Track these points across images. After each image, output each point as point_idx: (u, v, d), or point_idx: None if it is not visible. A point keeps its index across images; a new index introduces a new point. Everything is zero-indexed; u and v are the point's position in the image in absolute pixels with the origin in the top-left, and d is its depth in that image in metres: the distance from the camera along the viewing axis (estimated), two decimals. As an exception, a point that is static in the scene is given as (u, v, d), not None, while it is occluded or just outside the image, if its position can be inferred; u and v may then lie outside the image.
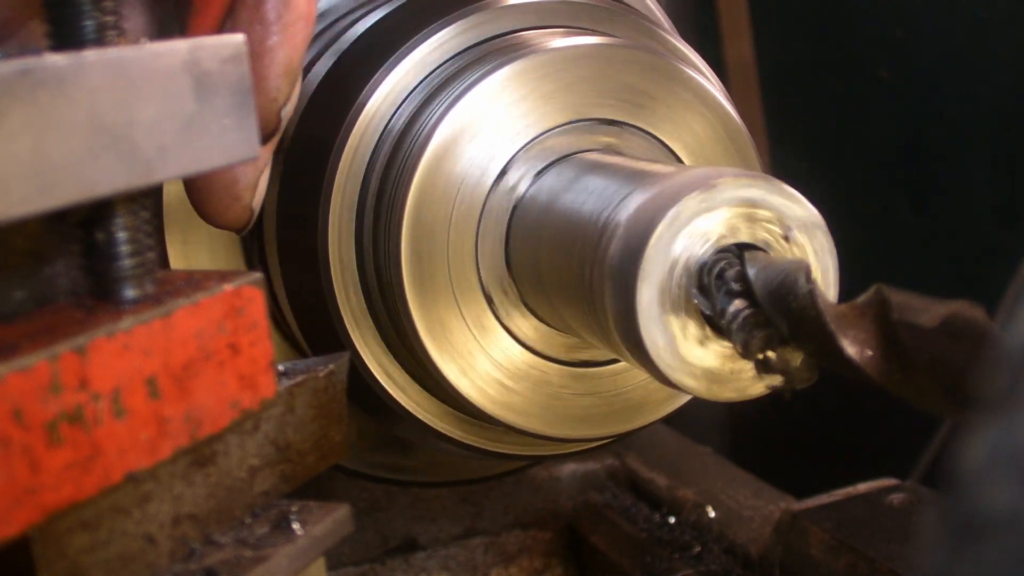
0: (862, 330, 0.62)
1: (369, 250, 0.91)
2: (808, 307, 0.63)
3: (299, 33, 0.76)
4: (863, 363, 0.62)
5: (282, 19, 0.74)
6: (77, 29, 0.57)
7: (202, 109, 0.59)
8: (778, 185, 0.70)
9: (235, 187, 0.77)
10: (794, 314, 0.64)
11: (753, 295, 0.67)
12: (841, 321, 0.63)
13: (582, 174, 0.83)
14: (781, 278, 0.65)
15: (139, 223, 0.59)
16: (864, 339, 0.62)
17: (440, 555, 1.23)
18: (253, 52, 0.73)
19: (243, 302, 0.61)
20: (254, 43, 0.74)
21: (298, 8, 0.75)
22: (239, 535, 0.64)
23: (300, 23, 0.75)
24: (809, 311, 0.63)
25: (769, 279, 0.66)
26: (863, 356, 0.62)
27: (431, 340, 0.87)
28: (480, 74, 0.86)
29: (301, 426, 0.70)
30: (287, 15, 0.74)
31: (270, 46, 0.75)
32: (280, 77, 0.76)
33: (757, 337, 0.67)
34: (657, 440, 1.34)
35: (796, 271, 0.65)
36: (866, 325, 0.63)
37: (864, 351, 0.62)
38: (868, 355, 0.62)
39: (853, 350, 0.62)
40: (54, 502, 0.51)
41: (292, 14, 0.75)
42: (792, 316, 0.64)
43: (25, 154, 0.50)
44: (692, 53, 0.98)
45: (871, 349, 0.62)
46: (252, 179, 0.78)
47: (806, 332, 0.64)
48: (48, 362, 0.51)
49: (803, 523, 1.04)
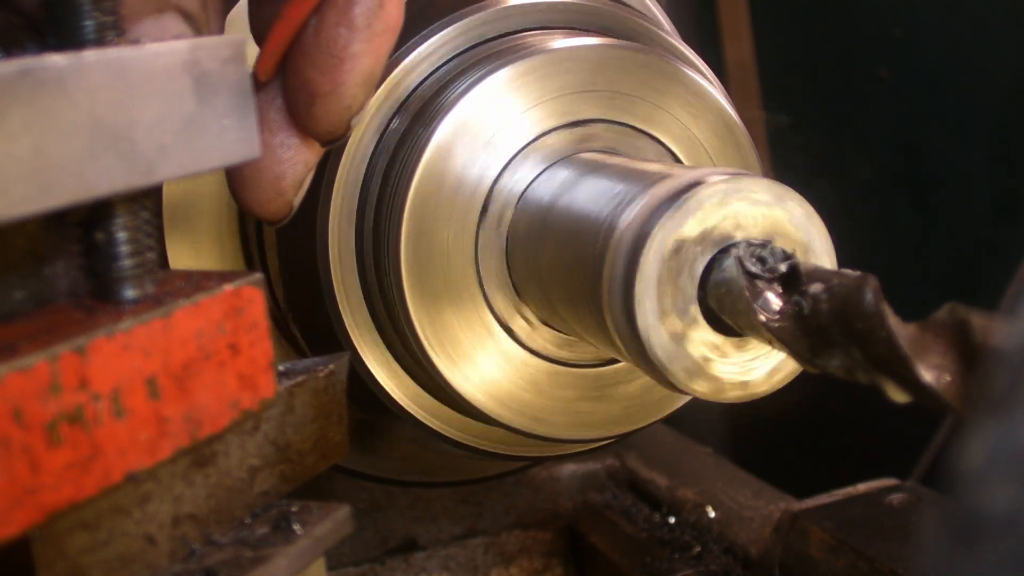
0: (938, 354, 0.57)
1: (369, 251, 0.91)
2: (877, 328, 0.58)
3: (385, 44, 0.72)
4: (941, 390, 0.57)
5: (371, 27, 0.71)
6: (77, 29, 0.57)
7: (202, 109, 0.59)
8: (778, 186, 0.70)
9: (281, 183, 0.75)
10: (860, 335, 0.59)
11: (816, 314, 0.62)
12: (914, 344, 0.57)
13: (582, 175, 0.83)
14: (844, 293, 0.60)
15: (139, 223, 0.59)
16: (941, 363, 0.57)
17: (440, 555, 1.23)
18: (335, 56, 0.70)
19: (243, 302, 0.61)
20: (337, 47, 0.70)
21: (389, 18, 0.71)
22: (239, 535, 0.64)
23: (388, 33, 0.72)
24: (878, 332, 0.58)
25: (831, 295, 0.61)
26: (941, 382, 0.57)
27: (431, 341, 0.87)
28: (480, 75, 0.87)
29: (301, 426, 0.70)
30: (377, 23, 0.71)
31: (354, 52, 0.71)
32: (358, 86, 0.72)
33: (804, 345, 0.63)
34: (657, 440, 1.34)
35: (861, 286, 0.60)
36: (942, 348, 0.57)
37: (942, 377, 0.57)
38: (946, 381, 0.57)
39: (930, 376, 0.57)
40: (54, 502, 0.51)
41: (381, 23, 0.71)
42: (857, 336, 0.59)
43: (25, 154, 0.50)
44: (692, 53, 0.98)
45: (949, 374, 0.57)
46: (299, 176, 0.76)
47: (874, 353, 0.59)
48: (48, 362, 0.51)
49: (803, 523, 1.04)
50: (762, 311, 0.65)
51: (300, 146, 0.75)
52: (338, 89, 0.72)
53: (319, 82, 0.71)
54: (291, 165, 0.75)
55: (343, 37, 0.70)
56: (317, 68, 0.71)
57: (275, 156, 0.74)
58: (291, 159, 0.75)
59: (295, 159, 0.75)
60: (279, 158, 0.75)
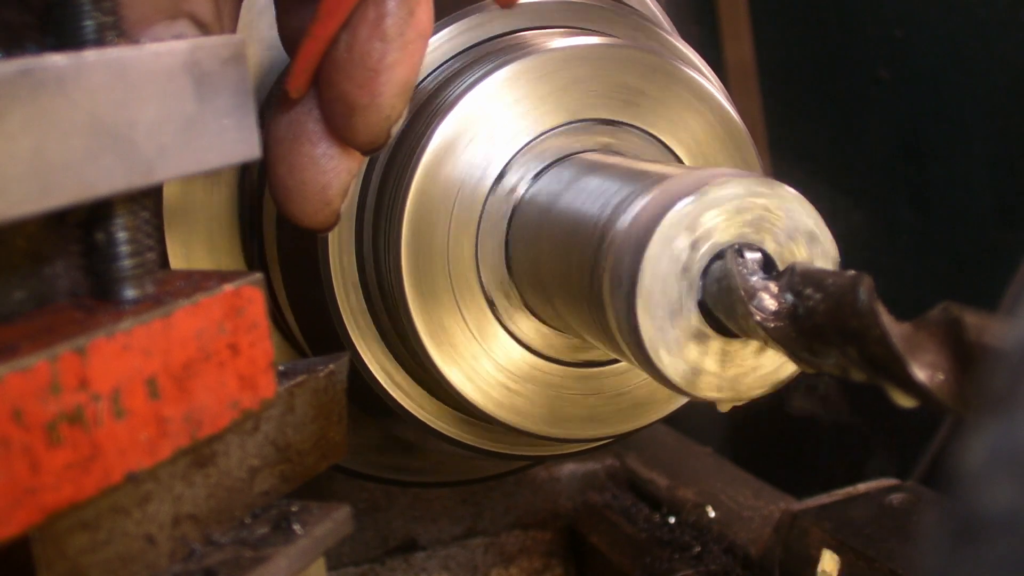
0: (931, 352, 0.57)
1: (369, 251, 0.91)
2: (871, 327, 0.58)
3: (418, 51, 0.72)
4: (934, 388, 0.57)
5: (403, 36, 0.70)
6: (77, 29, 0.57)
7: (202, 109, 0.59)
8: (778, 186, 0.70)
9: (327, 192, 0.75)
10: (854, 334, 0.59)
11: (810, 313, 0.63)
12: (908, 342, 0.58)
13: (582, 175, 0.83)
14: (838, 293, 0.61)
15: (139, 223, 0.59)
16: (934, 362, 0.57)
17: (440, 555, 1.24)
18: (371, 68, 0.70)
19: (243, 302, 0.61)
20: (372, 60, 0.70)
21: (420, 25, 0.71)
22: (239, 535, 0.64)
23: (420, 41, 0.71)
24: (872, 331, 0.58)
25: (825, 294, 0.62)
26: (934, 381, 0.57)
27: (432, 342, 0.87)
28: (479, 75, 0.86)
29: (301, 426, 0.70)
30: (408, 32, 0.70)
31: (389, 63, 0.70)
32: (396, 96, 0.72)
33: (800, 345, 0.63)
34: (657, 440, 1.34)
35: (855, 286, 0.60)
36: (936, 347, 0.58)
37: (935, 375, 0.57)
38: (939, 380, 0.57)
39: (923, 375, 0.57)
40: (54, 502, 0.51)
41: (413, 31, 0.71)
42: (851, 335, 0.59)
43: (25, 154, 0.50)
44: (692, 53, 0.98)
45: (943, 373, 0.57)
46: (345, 185, 0.76)
47: (868, 352, 0.59)
48: (48, 362, 0.51)
49: (803, 523, 1.04)
50: (758, 311, 0.65)
51: (342, 155, 0.74)
52: (376, 101, 0.71)
53: (356, 95, 0.71)
54: (335, 175, 0.75)
55: (377, 50, 0.70)
56: (353, 82, 0.71)
57: (319, 167, 0.74)
58: (335, 168, 0.75)
59: (339, 168, 0.75)
60: (323, 168, 0.74)
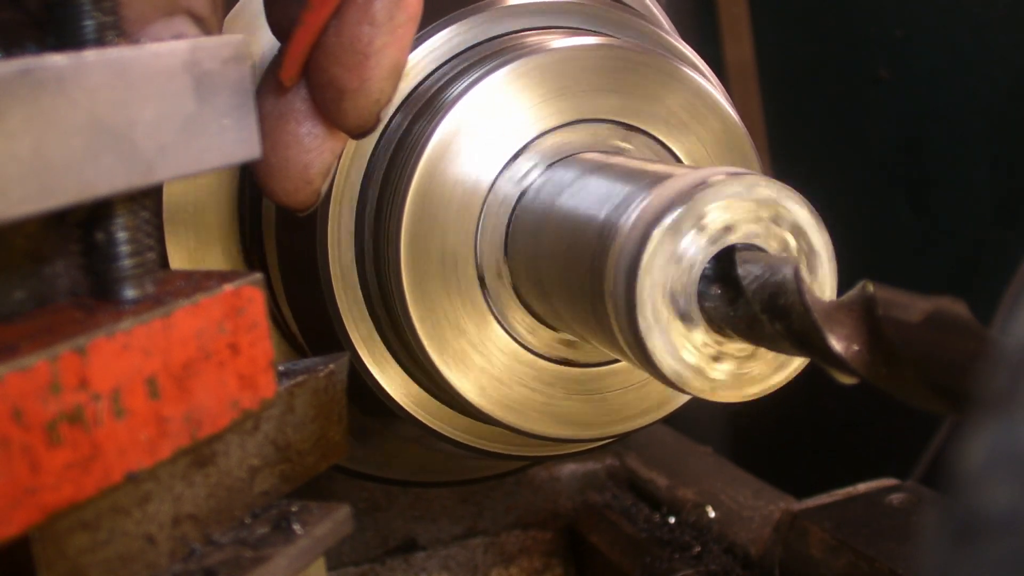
0: (848, 326, 0.64)
1: (369, 251, 0.91)
2: (796, 303, 0.64)
3: (408, 34, 0.72)
4: (849, 358, 0.63)
5: (393, 20, 0.71)
6: (77, 29, 0.57)
7: (202, 109, 0.59)
8: (777, 185, 0.70)
9: (308, 171, 0.75)
10: (783, 310, 0.65)
11: (744, 292, 0.68)
12: (828, 317, 0.64)
13: (581, 175, 0.83)
14: (771, 275, 0.67)
15: (139, 223, 0.59)
16: (850, 335, 0.63)
17: (440, 555, 1.24)
18: (360, 52, 0.70)
19: (243, 302, 0.61)
20: (362, 43, 0.70)
21: (409, 8, 0.72)
22: (239, 535, 0.64)
23: (410, 24, 0.72)
24: (797, 307, 0.64)
25: (761, 276, 0.67)
26: (849, 351, 0.63)
27: (431, 342, 0.87)
28: (480, 75, 0.87)
29: (301, 426, 0.70)
30: (398, 15, 0.71)
31: (378, 47, 0.71)
32: (385, 79, 0.72)
33: (742, 325, 0.68)
34: (657, 440, 1.34)
35: (785, 267, 0.66)
36: (853, 321, 0.64)
37: (850, 346, 0.63)
38: (854, 350, 0.63)
39: (840, 345, 0.63)
40: (54, 502, 0.51)
41: (403, 14, 0.71)
42: (781, 312, 0.66)
43: (25, 154, 0.50)
44: (692, 53, 0.98)
45: (857, 344, 0.63)
46: (327, 165, 0.76)
47: (795, 328, 0.65)
48: (48, 362, 0.51)
49: (803, 523, 1.04)
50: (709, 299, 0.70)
51: (326, 135, 0.75)
52: (365, 85, 0.72)
53: (346, 79, 0.71)
54: (318, 154, 0.75)
55: (366, 34, 0.70)
56: (343, 66, 0.71)
57: (302, 145, 0.74)
58: (318, 148, 0.75)
59: (322, 148, 0.75)
60: (306, 147, 0.75)
